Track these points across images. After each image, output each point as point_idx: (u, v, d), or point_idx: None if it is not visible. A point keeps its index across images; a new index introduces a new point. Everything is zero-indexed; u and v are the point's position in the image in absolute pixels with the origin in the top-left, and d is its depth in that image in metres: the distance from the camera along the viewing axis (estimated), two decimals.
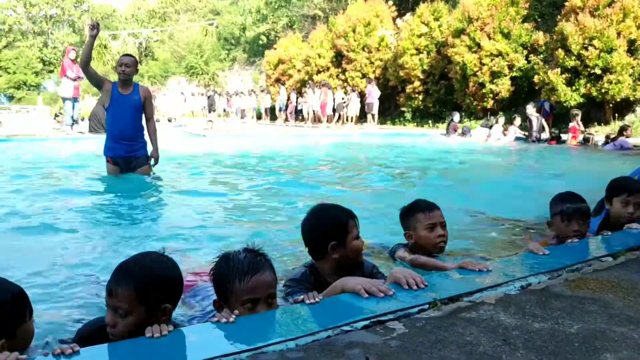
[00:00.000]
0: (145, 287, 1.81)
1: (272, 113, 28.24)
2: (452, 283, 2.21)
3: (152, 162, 6.28)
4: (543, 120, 15.27)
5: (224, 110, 32.28)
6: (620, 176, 3.73)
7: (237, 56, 40.92)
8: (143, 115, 6.20)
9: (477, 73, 18.31)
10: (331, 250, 2.44)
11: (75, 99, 14.34)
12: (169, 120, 26.41)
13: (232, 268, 1.99)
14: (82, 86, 14.93)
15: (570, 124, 14.28)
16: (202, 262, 3.08)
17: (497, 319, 1.85)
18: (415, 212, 3.05)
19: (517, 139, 15.10)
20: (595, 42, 14.82)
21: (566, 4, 16.19)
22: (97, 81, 6.13)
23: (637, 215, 3.33)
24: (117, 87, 6.01)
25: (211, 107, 32.25)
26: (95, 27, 5.89)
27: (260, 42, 36.03)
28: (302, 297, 2.02)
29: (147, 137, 6.31)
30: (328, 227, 2.48)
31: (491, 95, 18.45)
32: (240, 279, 1.95)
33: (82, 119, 14.44)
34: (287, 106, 26.56)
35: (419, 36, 21.14)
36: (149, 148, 6.28)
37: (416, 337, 1.69)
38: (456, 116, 16.64)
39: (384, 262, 3.09)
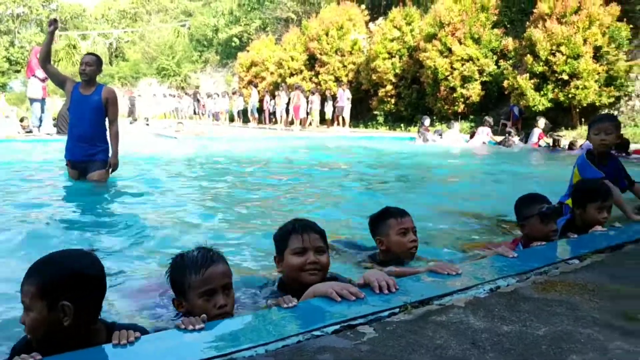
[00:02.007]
0: (44, 283, 1.72)
1: (244, 115, 28.12)
2: (423, 286, 2.21)
3: (109, 168, 5.98)
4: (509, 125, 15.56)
5: (195, 112, 32.05)
6: (588, 180, 3.80)
7: (209, 58, 40.64)
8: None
9: (448, 77, 18.54)
10: (276, 262, 2.53)
11: (43, 100, 14.04)
12: (146, 122, 26.13)
13: (186, 264, 2.08)
14: (49, 87, 14.61)
15: (536, 129, 14.59)
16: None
17: (467, 322, 1.86)
18: (386, 218, 3.05)
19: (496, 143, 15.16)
20: (562, 48, 15.16)
21: (534, 10, 16.52)
22: (58, 80, 5.91)
23: (607, 218, 3.41)
24: (79, 88, 5.78)
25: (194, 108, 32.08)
26: (53, 23, 5.70)
27: (233, 44, 35.86)
28: (277, 300, 2.01)
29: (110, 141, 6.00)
30: (275, 241, 2.54)
31: (462, 99, 18.70)
32: (196, 272, 2.04)
33: (55, 119, 14.13)
34: (260, 108, 26.48)
35: (391, 40, 21.31)
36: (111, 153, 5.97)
37: (387, 341, 1.69)
38: (427, 121, 16.82)
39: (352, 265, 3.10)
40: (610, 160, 4.11)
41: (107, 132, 5.99)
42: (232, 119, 29.10)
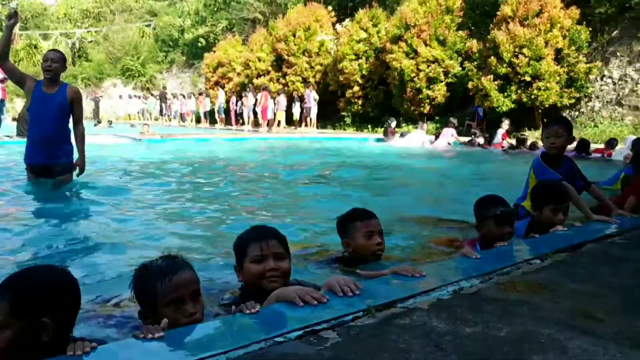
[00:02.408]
0: (18, 300, 1.69)
1: (211, 116, 27.87)
2: (387, 289, 2.21)
3: (76, 171, 5.68)
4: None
5: (162, 114, 31.62)
6: (545, 182, 3.86)
7: (175, 58, 40.18)
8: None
9: (414, 79, 18.72)
10: (236, 272, 2.47)
11: (2, 101, 13.65)
12: (109, 123, 25.69)
13: (152, 273, 2.03)
14: (8, 87, 14.22)
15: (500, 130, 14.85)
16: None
17: (430, 324, 1.86)
18: (352, 220, 3.05)
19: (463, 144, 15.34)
20: (525, 50, 15.46)
21: (498, 13, 16.81)
22: (17, 78, 5.58)
23: (564, 220, 3.47)
24: (41, 86, 5.44)
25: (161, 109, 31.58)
26: (13, 16, 5.39)
27: (199, 44, 35.52)
28: (240, 306, 1.98)
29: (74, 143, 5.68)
30: (234, 250, 2.49)
31: (428, 100, 18.90)
32: (162, 281, 1.98)
33: (17, 120, 13.74)
34: (226, 110, 26.28)
35: (358, 42, 21.40)
36: (76, 156, 5.67)
37: (350, 346, 1.68)
38: (393, 123, 16.95)
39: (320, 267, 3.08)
40: (565, 161, 4.19)
41: (71, 134, 5.70)
42: (198, 120, 28.81)
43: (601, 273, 2.55)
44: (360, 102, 21.78)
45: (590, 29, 16.11)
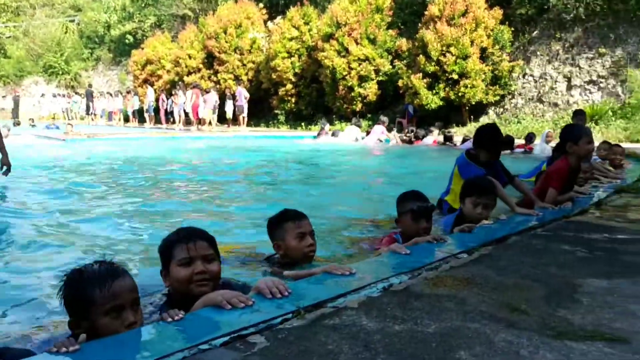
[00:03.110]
0: None
1: (140, 115, 27.06)
2: (317, 289, 2.17)
3: (3, 170, 5.49)
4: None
5: (89, 113, 30.40)
6: (475, 176, 3.95)
7: (101, 55, 38.75)
8: None
9: (346, 77, 18.87)
10: (163, 276, 2.33)
11: None
12: (31, 123, 24.45)
13: (88, 278, 1.86)
14: None
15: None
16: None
17: (360, 323, 1.84)
18: (284, 221, 2.99)
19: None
20: (452, 49, 15.91)
21: (426, 12, 17.20)
22: None
23: (486, 215, 3.56)
24: None
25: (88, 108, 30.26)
26: None
27: (127, 41, 34.39)
28: (162, 315, 1.88)
29: None
30: (160, 251, 2.36)
31: (360, 98, 19.10)
32: (101, 287, 1.82)
33: None
34: (156, 108, 25.58)
35: (290, 39, 21.36)
36: None
37: (278, 350, 1.63)
38: (326, 126, 17.03)
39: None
40: None
41: None
42: (127, 119, 27.91)
43: (525, 265, 2.61)
44: (293, 100, 21.76)
45: (513, 29, 16.79)
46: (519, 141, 12.67)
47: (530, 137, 12.40)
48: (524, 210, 3.94)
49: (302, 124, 21.56)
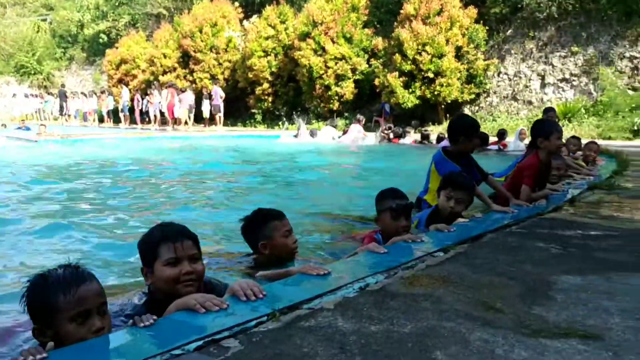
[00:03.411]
0: None
1: (115, 116, 26.70)
2: (292, 290, 2.15)
3: None
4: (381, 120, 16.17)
5: (62, 113, 29.87)
6: (451, 172, 3.97)
7: (74, 55, 38.15)
8: None
9: (323, 76, 18.88)
10: (144, 275, 2.28)
11: None
12: (1, 124, 23.91)
13: (52, 284, 1.80)
14: None
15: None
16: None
17: (335, 325, 1.82)
18: (268, 221, 2.97)
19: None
20: (427, 48, 16.01)
21: (401, 11, 17.28)
22: None
23: (458, 210, 3.58)
24: None
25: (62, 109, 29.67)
26: None
27: (101, 40, 33.93)
28: (134, 319, 1.83)
29: None
30: (140, 250, 2.30)
31: (336, 97, 19.13)
32: (65, 292, 1.77)
33: None
34: (131, 108, 25.27)
35: (266, 38, 21.29)
36: None
37: (252, 354, 1.60)
38: (303, 127, 17.03)
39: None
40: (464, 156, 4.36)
41: None
42: (101, 120, 27.51)
43: (500, 262, 2.62)
44: (270, 99, 21.70)
45: (487, 27, 16.98)
46: (494, 139, 12.79)
47: (501, 134, 12.52)
48: (500, 207, 3.97)
49: (280, 123, 21.50)
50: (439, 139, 13.70)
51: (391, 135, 15.13)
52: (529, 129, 5.35)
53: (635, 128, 13.63)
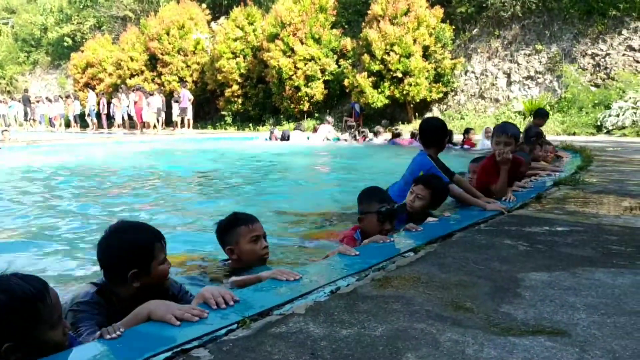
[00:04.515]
0: None
1: (82, 120, 26.22)
2: (263, 296, 2.13)
3: None
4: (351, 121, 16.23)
5: (27, 119, 29.18)
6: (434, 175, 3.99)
7: (38, 59, 37.35)
8: None
9: (293, 77, 18.87)
10: (132, 277, 2.22)
11: None
12: None
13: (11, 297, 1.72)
14: None
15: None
16: None
17: (307, 330, 1.81)
18: (236, 225, 2.93)
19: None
20: (395, 47, 16.13)
21: (369, 12, 17.38)
22: None
23: (418, 205, 3.62)
24: None
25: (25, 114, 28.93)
26: None
27: (65, 44, 33.28)
28: (98, 332, 1.79)
29: None
30: (129, 253, 2.23)
31: (307, 98, 19.13)
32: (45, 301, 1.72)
33: None
34: (98, 112, 24.85)
35: (235, 40, 21.18)
36: None
37: None
38: (275, 130, 17.00)
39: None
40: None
41: None
42: (68, 125, 26.99)
43: (469, 261, 2.65)
44: (240, 101, 21.58)
45: (454, 27, 17.19)
46: (461, 137, 12.95)
47: (467, 131, 12.70)
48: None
49: (250, 124, 21.41)
50: (413, 135, 13.81)
51: (369, 136, 15.19)
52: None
53: (598, 124, 13.97)
